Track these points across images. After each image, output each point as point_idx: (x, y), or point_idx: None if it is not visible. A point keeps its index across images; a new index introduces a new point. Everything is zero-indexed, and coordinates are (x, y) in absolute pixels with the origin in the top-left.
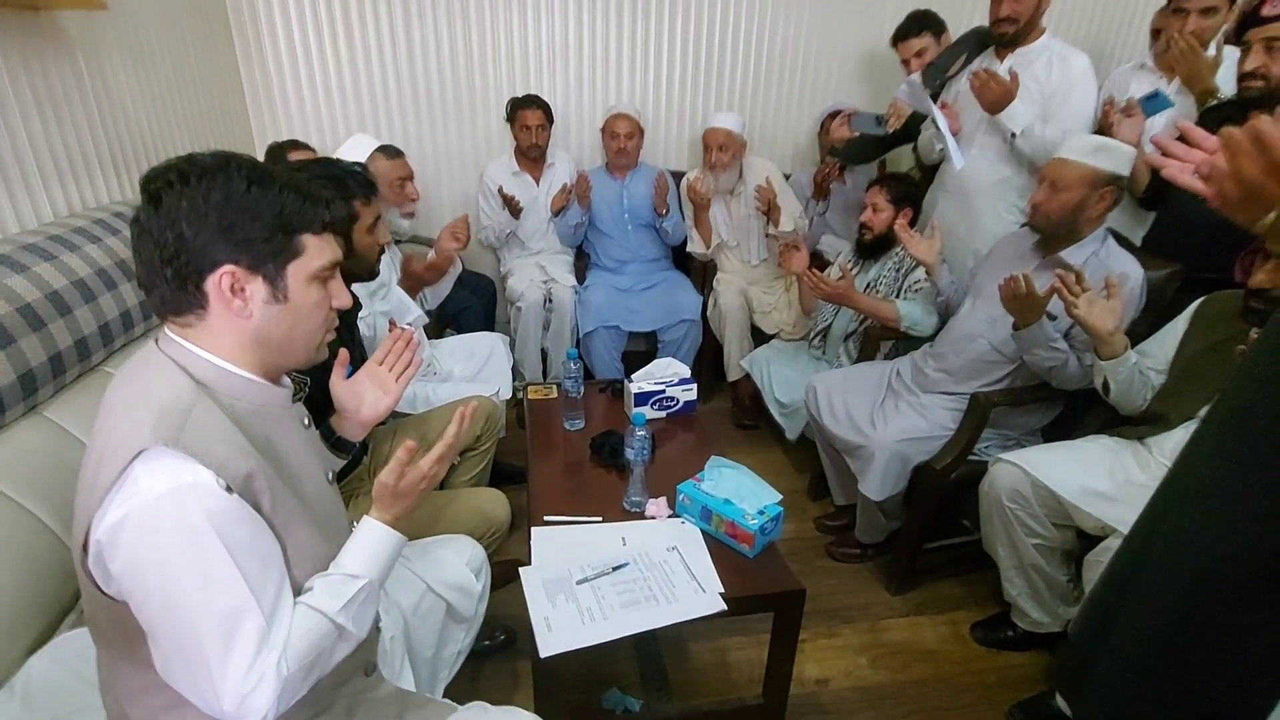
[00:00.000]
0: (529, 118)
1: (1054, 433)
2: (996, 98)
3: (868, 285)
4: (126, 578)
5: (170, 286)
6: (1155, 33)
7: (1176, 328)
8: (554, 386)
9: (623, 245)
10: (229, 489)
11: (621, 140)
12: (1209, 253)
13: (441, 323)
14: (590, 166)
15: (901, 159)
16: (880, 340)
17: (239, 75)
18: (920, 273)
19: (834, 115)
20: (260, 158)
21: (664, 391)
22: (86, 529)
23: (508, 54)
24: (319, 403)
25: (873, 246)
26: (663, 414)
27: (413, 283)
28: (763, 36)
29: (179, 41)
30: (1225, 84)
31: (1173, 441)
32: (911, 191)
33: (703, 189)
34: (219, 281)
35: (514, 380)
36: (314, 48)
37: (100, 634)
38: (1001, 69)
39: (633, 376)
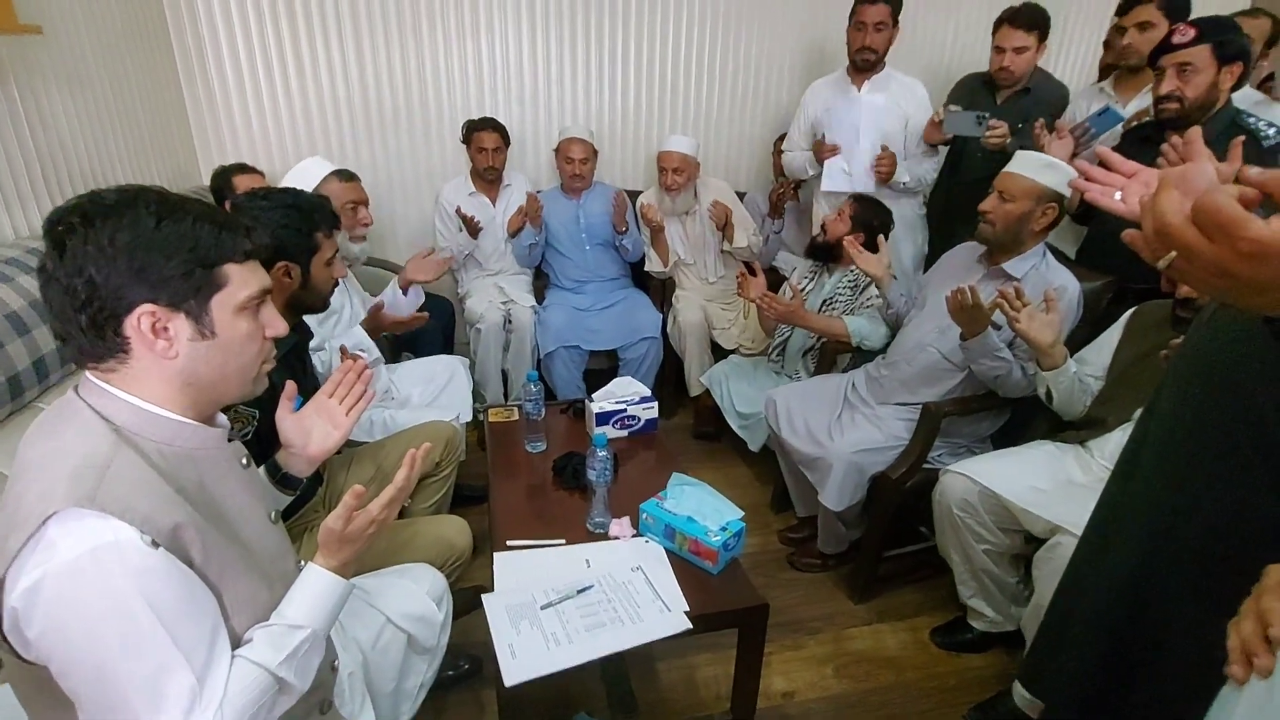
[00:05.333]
0: (485, 140)
1: (1002, 439)
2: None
3: (824, 301)
4: (46, 643)
5: (87, 335)
6: (1106, 45)
7: (1111, 336)
8: (515, 409)
9: (581, 265)
10: (154, 544)
11: (576, 165)
12: (1137, 265)
13: (398, 347)
14: (547, 186)
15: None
16: (836, 354)
17: (182, 98)
18: (875, 289)
19: (781, 139)
20: (206, 182)
21: (625, 410)
22: None
23: (462, 76)
24: (266, 437)
25: (824, 250)
26: (624, 433)
27: (376, 328)
28: (714, 59)
29: (118, 65)
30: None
31: (1112, 443)
32: (874, 222)
33: (654, 215)
34: (138, 323)
35: (475, 403)
36: (261, 69)
37: (26, 700)
38: (861, 95)
39: (593, 396)
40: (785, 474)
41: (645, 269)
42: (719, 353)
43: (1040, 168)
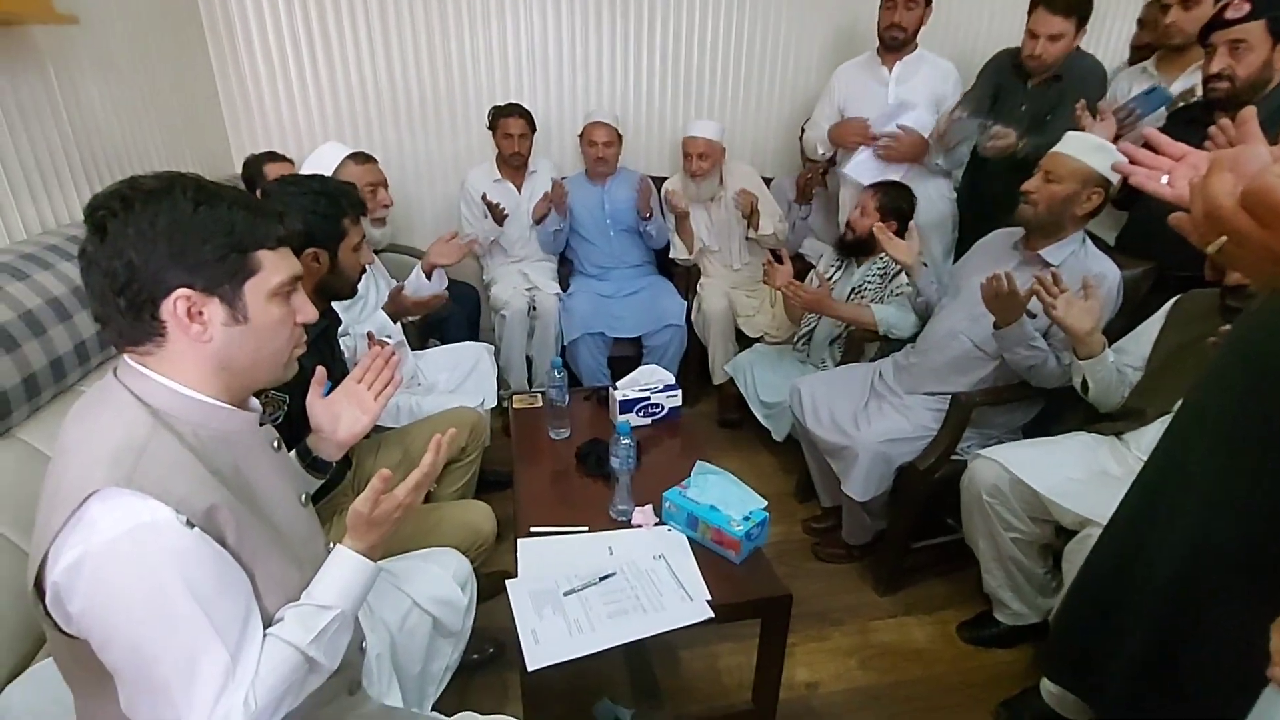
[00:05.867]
0: (510, 126)
1: (1034, 430)
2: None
3: (853, 289)
4: (86, 619)
5: (125, 317)
6: (1141, 23)
7: (1152, 325)
8: (539, 395)
9: (605, 251)
10: (190, 524)
11: (600, 148)
12: (1180, 252)
13: (425, 333)
14: (572, 173)
15: None
16: (864, 343)
17: (215, 86)
18: (905, 277)
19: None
20: (238, 170)
21: (649, 398)
22: (39, 571)
23: (488, 62)
24: (297, 421)
25: (854, 247)
26: (648, 421)
27: (397, 311)
28: (740, 42)
29: (153, 53)
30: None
31: (1149, 436)
32: (903, 206)
33: (679, 203)
34: (174, 307)
35: (499, 389)
36: (291, 57)
37: (66, 671)
38: (890, 76)
39: (617, 384)
40: (810, 463)
41: (670, 256)
42: (744, 341)
43: (1091, 150)
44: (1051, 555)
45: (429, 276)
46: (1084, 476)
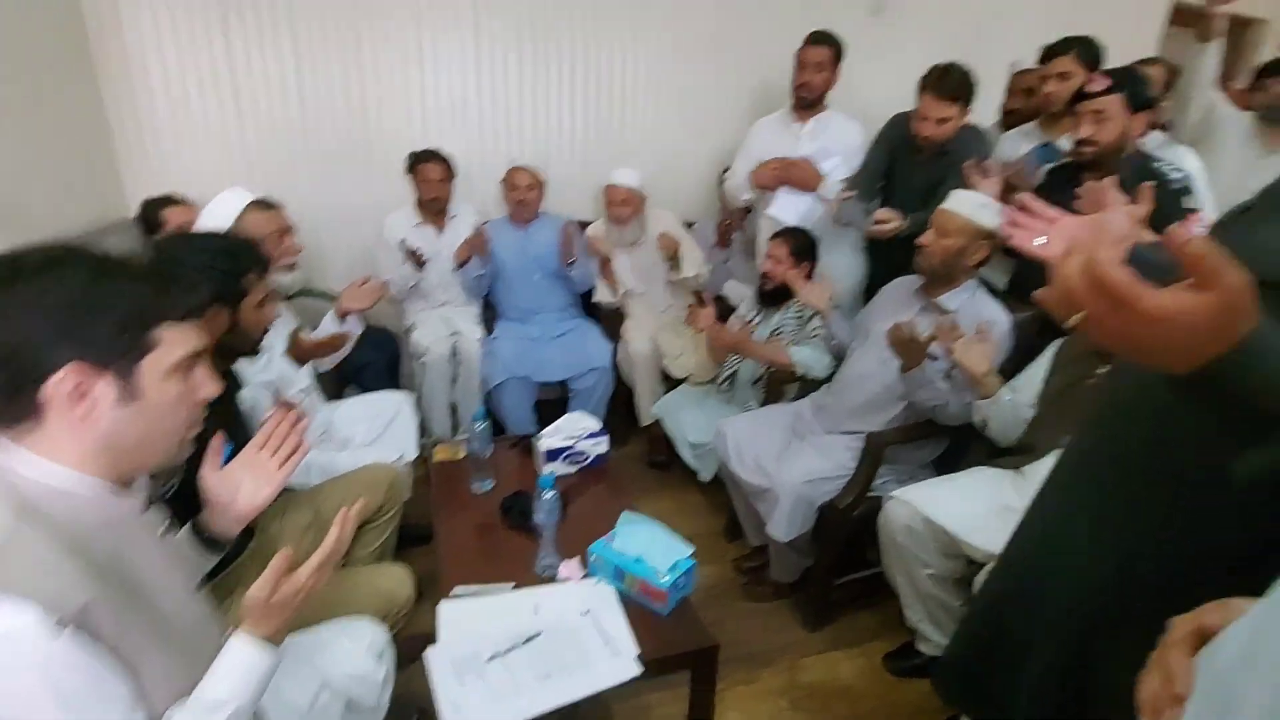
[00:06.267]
0: (429, 171)
1: (944, 464)
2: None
3: (773, 331)
4: None
5: (2, 395)
6: (1010, 91)
7: (1040, 366)
8: (462, 445)
9: (529, 295)
10: (61, 624)
11: (522, 192)
12: None
13: (341, 382)
14: (495, 216)
15: None
16: (783, 384)
17: (107, 125)
18: (820, 320)
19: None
20: (133, 215)
21: (574, 446)
22: None
23: (407, 104)
24: (191, 492)
25: (774, 294)
26: (574, 469)
27: (299, 356)
28: (661, 91)
29: (34, 92)
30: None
31: (1043, 469)
32: (810, 246)
33: (602, 249)
34: (59, 385)
35: (422, 437)
36: (194, 94)
37: None
38: (803, 131)
39: (542, 433)
40: (736, 504)
41: (594, 299)
42: (670, 382)
43: (975, 207)
44: (967, 587)
45: (342, 322)
46: (988, 511)
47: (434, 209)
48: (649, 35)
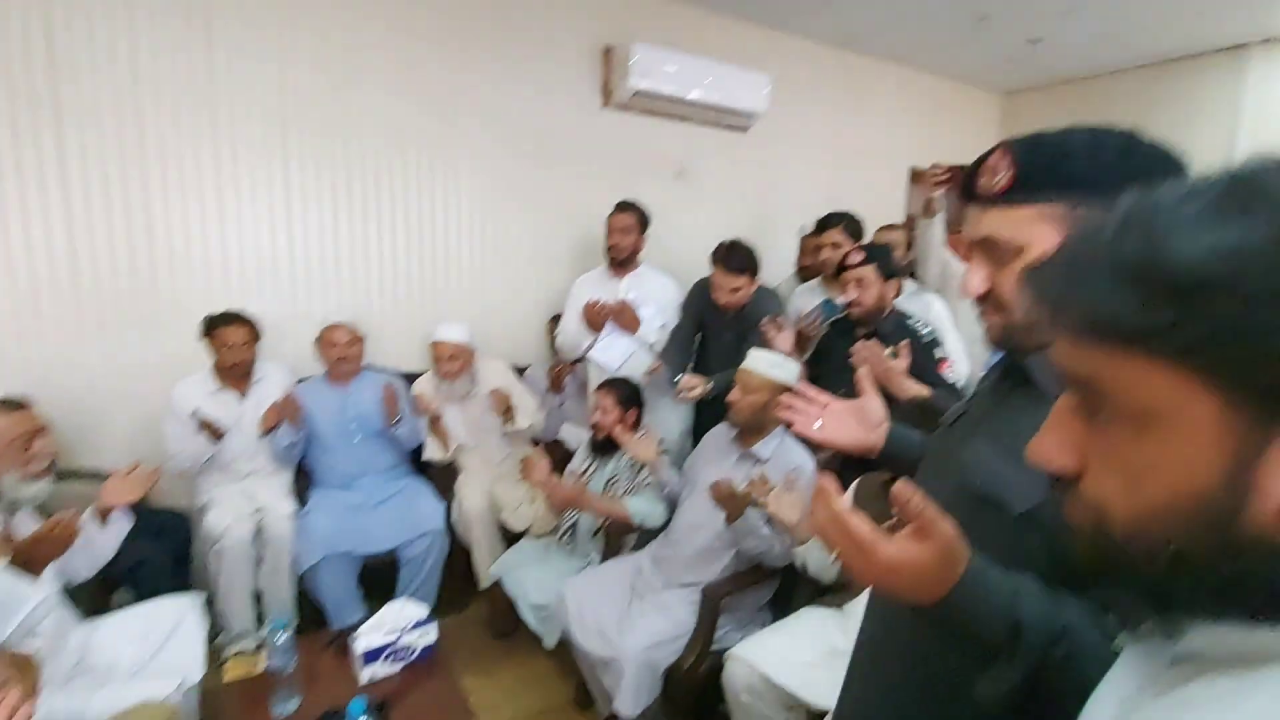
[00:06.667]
0: (229, 336)
1: (777, 604)
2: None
3: (609, 480)
4: None
5: None
6: (801, 249)
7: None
8: (261, 656)
9: (350, 459)
10: None
11: (340, 349)
12: None
13: (109, 586)
14: (310, 375)
15: None
16: (622, 535)
17: None
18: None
19: (556, 318)
20: None
21: (397, 641)
22: None
23: (205, 260)
24: None
25: (606, 443)
26: (398, 667)
27: (29, 560)
28: (486, 240)
29: None
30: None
31: (862, 604)
32: (635, 394)
33: (429, 407)
34: None
35: (215, 638)
36: None
37: None
38: (621, 286)
39: (359, 631)
40: (584, 670)
41: (424, 457)
42: (510, 537)
43: (770, 366)
44: None
45: (104, 520)
46: (818, 656)
47: (236, 374)
48: (470, 186)
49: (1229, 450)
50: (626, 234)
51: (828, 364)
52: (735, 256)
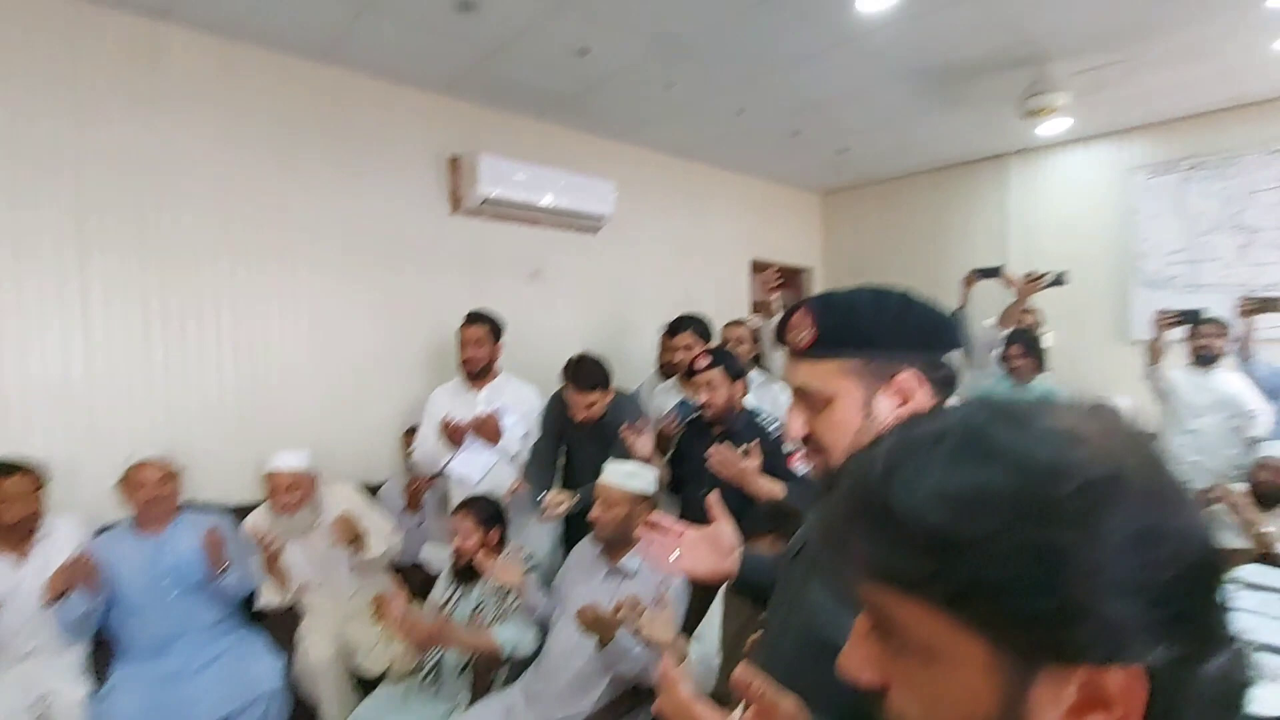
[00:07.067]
0: (4, 489)
1: None
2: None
3: (475, 608)
4: None
5: None
6: (665, 349)
7: (716, 611)
8: None
9: (164, 619)
10: None
11: (150, 489)
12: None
13: None
14: (113, 522)
15: None
16: (491, 670)
17: None
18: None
19: (412, 431)
20: None
21: None
22: None
23: None
24: None
25: (469, 570)
26: None
27: None
28: (330, 354)
29: None
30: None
31: None
32: (497, 513)
33: (264, 544)
34: None
35: None
36: None
37: None
38: (479, 398)
39: None
40: None
41: (258, 605)
42: (365, 685)
43: (627, 477)
44: None
45: None
46: None
47: (15, 535)
48: (311, 297)
49: (1000, 687)
50: (479, 346)
51: (688, 464)
52: (584, 374)
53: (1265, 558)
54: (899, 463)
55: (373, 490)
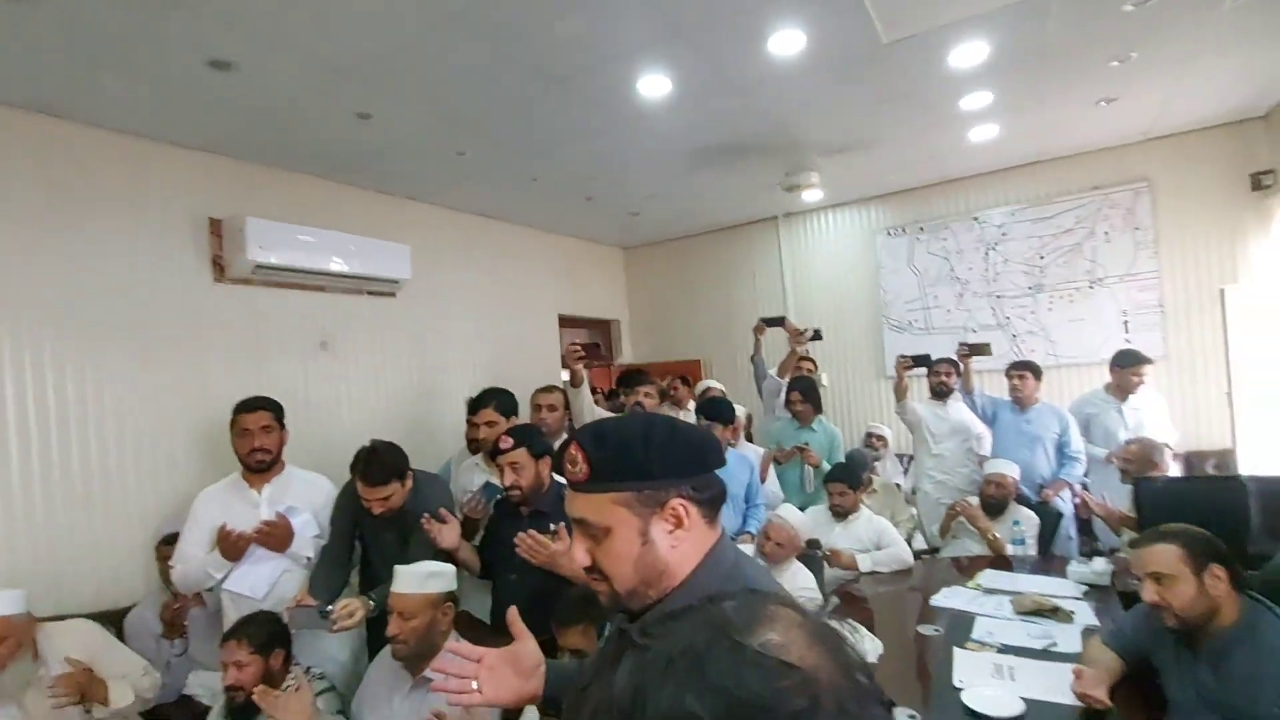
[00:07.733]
0: None
1: None
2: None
3: None
4: None
5: None
6: (471, 424)
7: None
8: None
9: None
10: None
11: None
12: (540, 619)
13: None
14: None
15: None
16: None
17: None
18: None
19: (170, 540)
20: None
21: None
22: None
23: None
24: None
25: (247, 706)
26: None
27: None
28: (54, 447)
29: None
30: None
31: None
32: (277, 633)
33: None
34: None
35: None
36: None
37: None
38: (261, 497)
39: None
40: None
41: None
42: None
43: (423, 579)
44: None
45: None
46: None
47: None
48: (31, 387)
49: None
50: (269, 433)
51: (498, 548)
52: (374, 469)
53: (998, 561)
54: (640, 685)
55: (117, 620)
